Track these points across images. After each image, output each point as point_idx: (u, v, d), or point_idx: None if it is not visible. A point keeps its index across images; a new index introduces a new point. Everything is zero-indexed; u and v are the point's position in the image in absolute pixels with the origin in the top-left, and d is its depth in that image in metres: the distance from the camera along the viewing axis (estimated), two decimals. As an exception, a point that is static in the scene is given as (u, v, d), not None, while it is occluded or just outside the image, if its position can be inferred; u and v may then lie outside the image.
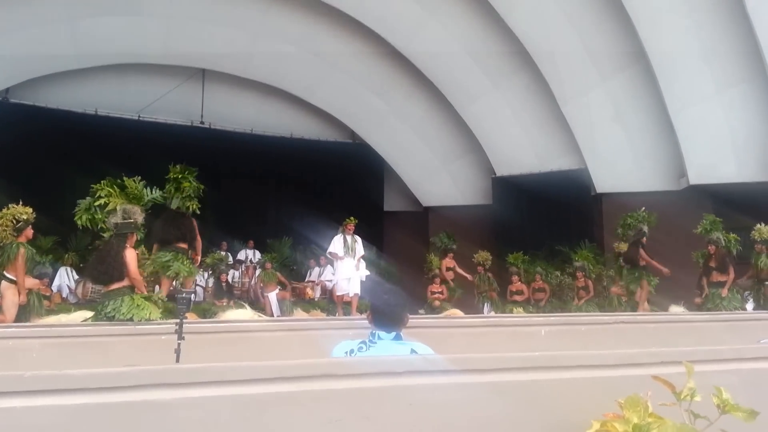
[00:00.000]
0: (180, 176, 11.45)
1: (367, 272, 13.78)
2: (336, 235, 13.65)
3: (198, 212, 11.62)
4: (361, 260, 13.78)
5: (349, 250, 13.52)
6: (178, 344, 6.07)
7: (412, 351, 3.53)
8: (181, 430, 2.42)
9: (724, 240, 14.06)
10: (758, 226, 14.03)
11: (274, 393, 2.53)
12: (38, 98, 19.79)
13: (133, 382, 2.38)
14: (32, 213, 10.32)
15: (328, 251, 13.78)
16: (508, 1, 17.92)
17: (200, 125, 21.74)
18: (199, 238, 11.66)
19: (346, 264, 13.47)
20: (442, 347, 3.51)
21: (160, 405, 2.41)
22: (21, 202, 10.36)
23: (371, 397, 2.68)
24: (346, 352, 3.63)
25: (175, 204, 11.36)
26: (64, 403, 2.31)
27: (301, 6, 19.36)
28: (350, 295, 13.57)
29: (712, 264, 14.23)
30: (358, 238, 13.77)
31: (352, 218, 13.75)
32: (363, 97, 22.10)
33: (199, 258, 12.08)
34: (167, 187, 11.25)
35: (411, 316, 3.86)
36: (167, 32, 19.71)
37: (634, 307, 14.38)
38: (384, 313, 3.71)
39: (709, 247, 14.23)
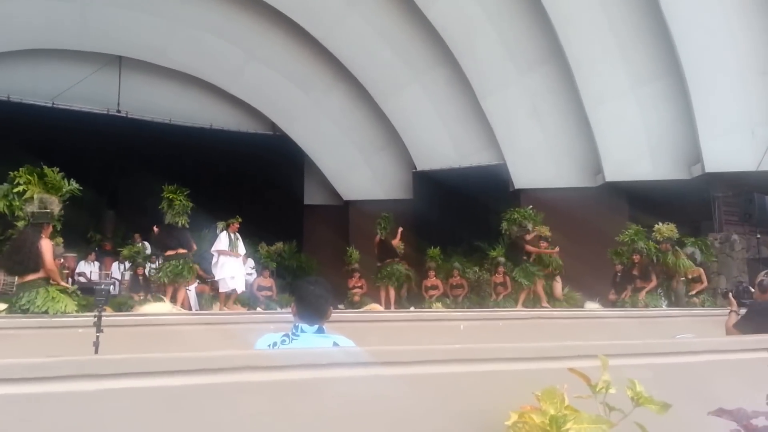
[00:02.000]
0: (172, 196, 12.75)
1: (252, 270, 14.87)
2: (221, 232, 14.13)
3: (187, 226, 12.89)
4: (247, 258, 14.75)
5: (233, 247, 14.01)
6: (97, 337, 6.35)
7: (335, 344, 3.58)
8: (102, 422, 2.45)
9: (647, 250, 14.64)
10: (657, 226, 14.70)
11: (196, 385, 2.58)
12: None
13: (54, 373, 2.41)
14: None
15: (213, 248, 14.16)
16: None
17: (117, 114, 21.39)
18: (194, 246, 13.21)
19: (231, 261, 13.97)
20: (363, 341, 3.56)
21: (80, 396, 2.44)
22: None
23: (294, 390, 2.74)
24: (269, 345, 3.69)
25: (168, 219, 12.75)
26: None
27: None
28: (237, 292, 14.14)
29: (636, 272, 14.87)
30: (239, 237, 14.30)
31: (237, 217, 14.25)
32: (283, 89, 22.15)
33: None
34: (162, 204, 12.74)
35: (332, 310, 3.93)
36: (83, 17, 19.48)
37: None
38: (309, 303, 3.76)
39: (634, 256, 14.85)
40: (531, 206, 15.56)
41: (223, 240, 14.00)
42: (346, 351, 3.30)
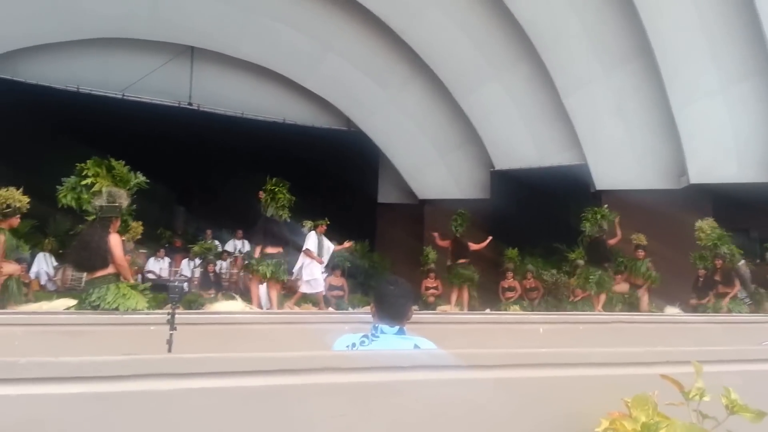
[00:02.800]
0: (276, 188, 12.76)
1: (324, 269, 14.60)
2: (309, 232, 14.11)
3: (288, 220, 12.99)
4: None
5: (319, 250, 14.00)
6: (171, 335, 6.12)
7: (416, 346, 3.53)
8: (179, 422, 2.42)
9: (730, 255, 14.55)
10: (636, 235, 15.36)
11: (275, 386, 2.54)
12: (17, 71, 19.62)
13: (128, 372, 2.37)
14: (27, 203, 10.50)
15: (305, 248, 14.06)
16: None
17: (188, 106, 21.68)
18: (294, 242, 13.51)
19: (313, 264, 13.95)
20: (440, 343, 3.52)
21: (157, 396, 2.40)
22: (21, 189, 10.52)
23: (374, 392, 2.69)
24: (348, 346, 3.65)
25: (269, 212, 12.74)
26: (59, 392, 2.29)
27: None
28: (310, 292, 14.11)
29: (718, 278, 14.70)
30: (325, 238, 14.28)
31: (326, 219, 14.26)
32: (360, 83, 22.08)
33: None
34: (264, 197, 12.74)
35: (413, 311, 3.85)
36: (155, 6, 19.66)
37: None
38: (389, 305, 3.71)
39: (716, 261, 14.67)
40: (606, 205, 15.61)
41: (311, 240, 14.01)
42: (429, 353, 3.31)
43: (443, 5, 19.06)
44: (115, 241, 8.95)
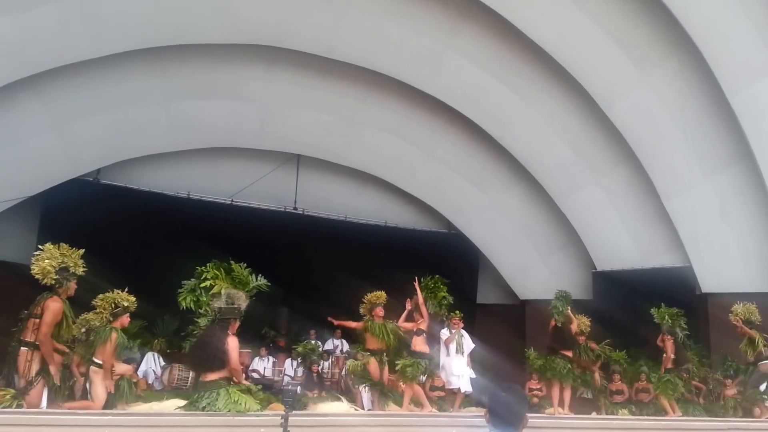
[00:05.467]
0: (438, 285, 13.93)
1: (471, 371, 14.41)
2: (443, 329, 14.40)
3: (445, 318, 13.83)
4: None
5: (457, 346, 14.19)
6: None
7: None
8: None
9: None
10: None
11: None
12: (130, 179, 20.47)
13: None
14: (134, 302, 11.09)
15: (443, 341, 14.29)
16: (609, 94, 18.65)
17: (293, 211, 22.39)
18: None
19: (455, 360, 14.13)
20: None
21: None
22: (126, 289, 11.14)
23: None
24: None
25: (431, 309, 13.63)
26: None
27: (398, 94, 20.34)
28: (461, 391, 14.08)
29: None
30: (465, 333, 14.56)
31: (457, 312, 14.64)
32: (460, 187, 22.77)
33: None
34: (424, 294, 13.63)
35: (528, 418, 3.87)
36: (263, 117, 20.75)
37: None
38: (503, 412, 3.75)
39: None
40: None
41: (444, 336, 14.27)
42: None
43: (541, 112, 19.78)
44: (233, 343, 9.31)
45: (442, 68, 19.41)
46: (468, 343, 14.56)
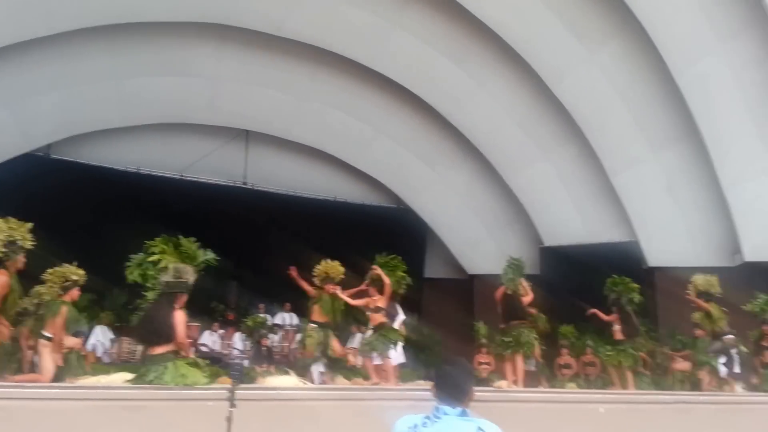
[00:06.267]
0: (394, 263, 13.34)
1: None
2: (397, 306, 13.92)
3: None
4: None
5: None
6: (230, 412, 6.62)
7: (479, 429, 3.52)
8: None
9: None
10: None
11: None
12: (81, 154, 20.92)
13: None
14: (84, 275, 11.02)
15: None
16: (557, 72, 18.88)
17: (243, 185, 22.64)
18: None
19: None
20: (500, 423, 3.57)
21: None
22: (76, 263, 11.09)
23: None
24: (410, 427, 3.64)
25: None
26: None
27: (347, 71, 20.53)
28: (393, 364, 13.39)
29: (765, 344, 14.49)
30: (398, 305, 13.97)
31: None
32: (410, 163, 23.06)
33: None
34: (374, 273, 12.99)
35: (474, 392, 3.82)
36: (213, 93, 20.90)
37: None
38: (449, 385, 3.71)
39: (764, 327, 14.58)
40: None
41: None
42: None
43: (490, 90, 20.07)
44: (180, 317, 9.10)
45: (389, 45, 19.61)
46: (400, 313, 13.87)
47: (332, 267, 13.35)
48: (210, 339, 18.71)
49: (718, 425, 10.08)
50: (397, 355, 12.98)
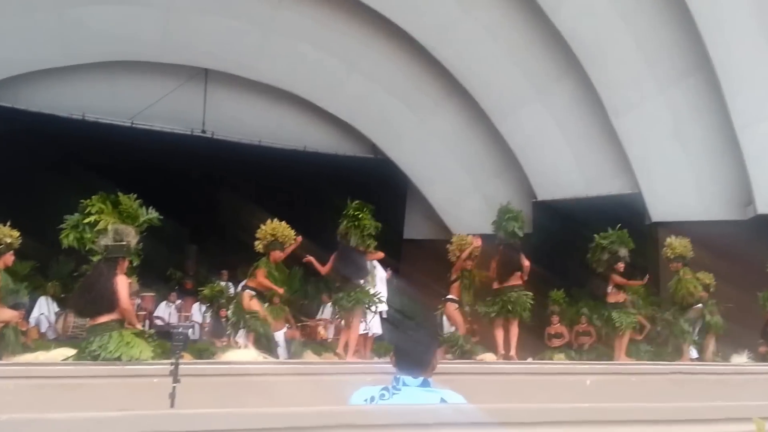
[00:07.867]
0: (359, 213, 12.25)
1: (385, 307, 13.18)
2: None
3: (373, 250, 12.50)
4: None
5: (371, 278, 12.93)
6: (173, 388, 6.16)
7: (442, 400, 3.49)
8: None
9: None
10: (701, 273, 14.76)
11: None
12: (18, 99, 19.72)
13: (126, 429, 2.40)
14: (18, 238, 10.77)
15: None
16: None
17: (201, 134, 21.67)
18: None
19: None
20: (474, 397, 3.51)
21: None
22: (9, 223, 10.74)
23: None
24: (366, 400, 3.58)
25: (354, 242, 12.14)
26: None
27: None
28: (369, 334, 13.16)
29: None
30: (377, 263, 13.20)
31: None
32: (387, 105, 22.14)
33: None
34: (344, 223, 12.27)
35: (438, 360, 3.78)
36: (166, 25, 19.78)
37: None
38: (409, 354, 3.66)
39: None
40: (619, 225, 14.65)
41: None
42: (456, 408, 3.33)
43: (478, 18, 18.99)
44: (121, 283, 8.93)
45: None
46: (381, 275, 13.28)
47: (280, 229, 12.75)
48: (166, 311, 18.46)
49: (709, 396, 9.24)
50: (372, 325, 12.82)
